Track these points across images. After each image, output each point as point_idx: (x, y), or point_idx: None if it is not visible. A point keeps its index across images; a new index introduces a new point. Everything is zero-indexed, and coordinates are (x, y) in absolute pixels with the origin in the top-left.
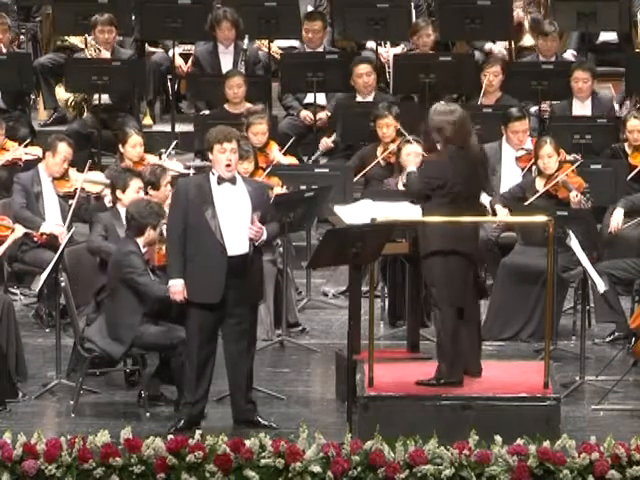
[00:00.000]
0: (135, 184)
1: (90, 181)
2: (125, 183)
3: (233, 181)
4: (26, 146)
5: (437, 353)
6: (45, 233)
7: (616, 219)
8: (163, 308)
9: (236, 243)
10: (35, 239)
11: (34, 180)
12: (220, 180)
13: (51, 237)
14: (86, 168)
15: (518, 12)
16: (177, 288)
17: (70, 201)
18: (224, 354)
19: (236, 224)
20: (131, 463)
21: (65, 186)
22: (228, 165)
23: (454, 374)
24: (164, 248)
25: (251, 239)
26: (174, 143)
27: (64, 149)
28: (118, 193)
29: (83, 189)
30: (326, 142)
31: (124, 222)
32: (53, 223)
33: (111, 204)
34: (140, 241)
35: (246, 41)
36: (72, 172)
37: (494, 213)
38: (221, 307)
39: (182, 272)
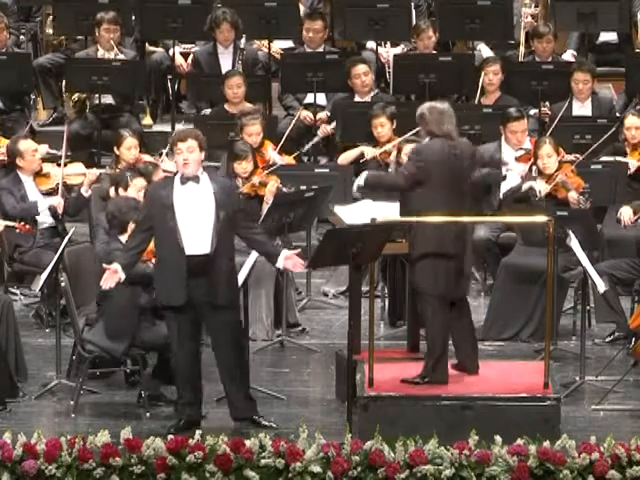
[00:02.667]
0: (138, 183)
1: (70, 174)
2: (127, 181)
3: (197, 180)
4: None
5: (426, 351)
6: (33, 225)
7: (627, 213)
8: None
9: (195, 242)
10: (17, 230)
11: (15, 183)
12: (183, 180)
13: (33, 226)
14: (62, 162)
15: (530, 20)
16: (113, 268)
17: (56, 197)
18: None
19: (196, 223)
20: (131, 463)
21: (47, 183)
22: (185, 163)
23: (438, 372)
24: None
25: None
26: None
27: (26, 146)
28: (120, 191)
29: (65, 183)
30: (325, 128)
31: None
32: (46, 200)
33: (88, 192)
34: (123, 238)
35: (243, 41)
36: (51, 168)
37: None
38: (190, 308)
39: (124, 261)
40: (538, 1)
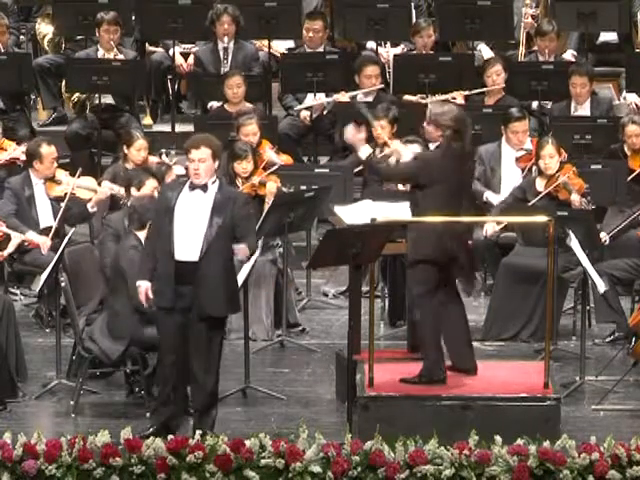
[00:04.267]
0: (151, 183)
1: (81, 187)
2: (141, 181)
3: (204, 189)
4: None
5: (421, 352)
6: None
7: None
8: None
9: (186, 249)
10: (26, 244)
11: (25, 183)
12: (192, 187)
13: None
14: (77, 173)
15: (530, 20)
16: (140, 289)
17: (61, 203)
18: None
19: (190, 230)
20: (131, 463)
21: (56, 190)
22: (195, 174)
23: (435, 372)
24: None
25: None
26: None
27: (48, 151)
28: (133, 191)
29: (73, 194)
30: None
31: None
32: (37, 233)
33: (94, 209)
34: (141, 235)
35: (226, 39)
36: (64, 176)
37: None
38: (176, 313)
39: (148, 274)
40: (539, 1)
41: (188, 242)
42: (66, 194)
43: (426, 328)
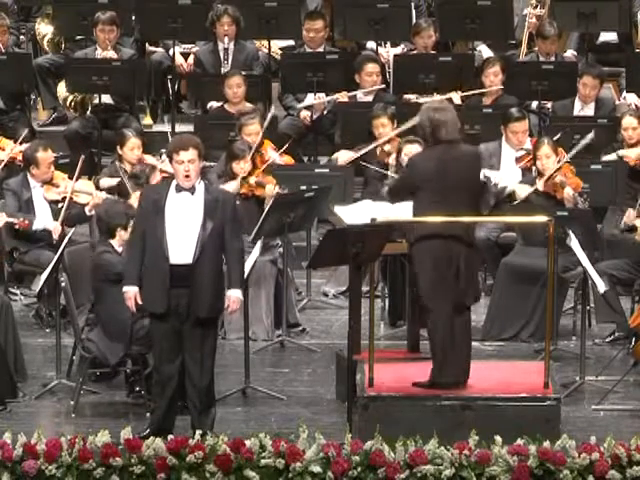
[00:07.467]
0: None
1: (79, 191)
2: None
3: (192, 190)
4: (21, 144)
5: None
6: (38, 229)
7: (630, 214)
8: None
9: (180, 252)
10: (17, 226)
11: (23, 186)
12: (179, 188)
13: (30, 224)
14: (75, 175)
15: (535, 20)
16: (128, 294)
17: (60, 204)
18: None
19: (183, 233)
20: (131, 463)
21: (54, 193)
22: (187, 176)
23: (443, 375)
24: None
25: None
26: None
27: (44, 156)
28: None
29: (71, 198)
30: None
31: None
32: (45, 220)
33: (92, 212)
34: (114, 242)
35: (226, 40)
36: (61, 180)
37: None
38: (171, 317)
39: (137, 279)
40: (544, 2)
41: (181, 245)
42: (64, 198)
43: (435, 330)
